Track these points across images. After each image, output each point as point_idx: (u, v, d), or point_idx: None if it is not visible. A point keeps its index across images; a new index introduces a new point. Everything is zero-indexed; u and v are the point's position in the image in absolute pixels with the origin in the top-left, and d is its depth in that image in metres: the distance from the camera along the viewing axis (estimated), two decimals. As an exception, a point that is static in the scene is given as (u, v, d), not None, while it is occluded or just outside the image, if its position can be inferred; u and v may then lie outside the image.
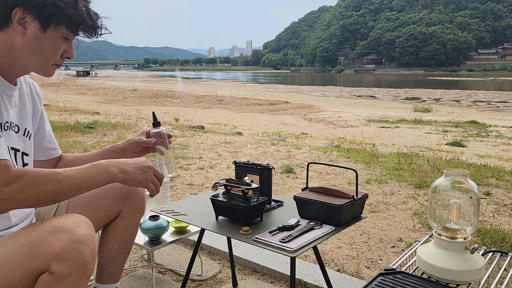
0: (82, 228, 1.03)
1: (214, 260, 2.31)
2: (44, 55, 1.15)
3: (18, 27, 1.09)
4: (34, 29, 1.10)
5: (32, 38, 1.11)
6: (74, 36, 1.17)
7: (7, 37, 1.10)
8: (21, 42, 1.11)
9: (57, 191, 1.05)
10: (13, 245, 1.00)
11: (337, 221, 1.45)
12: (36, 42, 1.12)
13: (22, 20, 1.09)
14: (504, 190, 3.53)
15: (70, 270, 0.99)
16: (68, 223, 1.02)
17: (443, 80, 61.80)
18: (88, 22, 1.15)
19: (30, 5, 1.08)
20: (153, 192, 1.25)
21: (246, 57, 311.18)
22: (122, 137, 6.33)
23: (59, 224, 1.02)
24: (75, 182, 1.08)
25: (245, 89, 35.42)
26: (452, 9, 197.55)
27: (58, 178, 1.06)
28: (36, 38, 1.11)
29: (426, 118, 15.05)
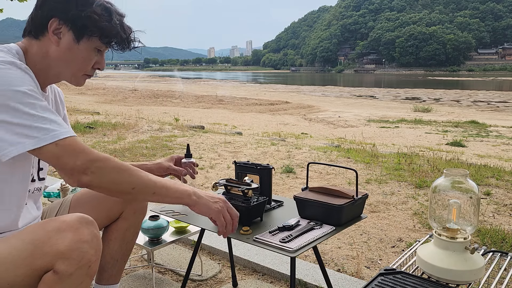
0: (87, 227, 1.03)
1: (214, 260, 2.31)
2: (76, 65, 1.19)
3: (53, 37, 1.13)
4: (68, 40, 1.14)
5: (66, 48, 1.15)
6: (106, 48, 1.20)
7: (42, 45, 1.15)
8: (55, 52, 1.15)
9: (135, 185, 1.09)
10: (17, 244, 1.01)
11: (337, 221, 1.45)
12: (70, 52, 1.15)
13: (57, 30, 1.13)
14: (504, 190, 3.53)
15: (74, 269, 0.99)
16: (73, 222, 1.02)
17: (443, 80, 61.80)
18: (122, 35, 1.19)
19: (66, 16, 1.12)
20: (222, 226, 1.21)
21: (246, 57, 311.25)
22: (122, 137, 6.33)
23: (64, 223, 1.02)
24: (153, 185, 1.11)
25: (245, 89, 35.41)
26: (452, 9, 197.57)
27: (140, 174, 1.10)
28: (70, 48, 1.15)
29: (426, 118, 15.05)
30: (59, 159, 1.02)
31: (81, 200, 1.44)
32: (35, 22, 1.15)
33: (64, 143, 1.01)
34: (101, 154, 1.07)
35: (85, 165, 1.02)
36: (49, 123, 1.01)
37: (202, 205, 1.18)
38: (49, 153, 1.01)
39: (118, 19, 1.18)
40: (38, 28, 1.14)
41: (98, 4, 1.15)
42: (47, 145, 1.00)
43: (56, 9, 1.12)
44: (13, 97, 0.98)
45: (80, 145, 1.04)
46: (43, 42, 1.15)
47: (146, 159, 4.74)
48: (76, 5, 1.13)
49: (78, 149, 1.03)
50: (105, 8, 1.16)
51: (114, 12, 1.17)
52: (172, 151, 5.20)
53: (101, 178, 1.05)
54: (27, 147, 0.98)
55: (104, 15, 1.15)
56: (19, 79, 1.02)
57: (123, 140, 6.07)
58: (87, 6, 1.13)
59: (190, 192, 1.17)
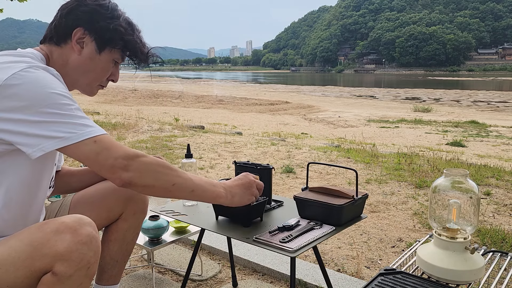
0: (86, 229, 1.03)
1: (214, 260, 2.31)
2: (94, 75, 1.22)
3: (76, 45, 1.17)
4: (91, 50, 1.18)
5: (87, 58, 1.18)
6: (123, 60, 1.25)
7: (63, 53, 1.18)
8: (76, 60, 1.18)
9: (175, 181, 1.11)
10: (16, 245, 1.01)
11: (337, 221, 1.45)
12: (90, 62, 1.19)
13: (81, 39, 1.17)
14: (504, 190, 3.53)
15: (73, 271, 0.99)
16: (72, 224, 1.02)
17: (443, 80, 61.80)
18: (142, 49, 1.24)
19: (92, 27, 1.17)
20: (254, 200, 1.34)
21: (246, 57, 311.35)
22: (122, 137, 6.33)
23: (63, 225, 1.02)
24: (191, 183, 1.15)
25: (245, 89, 35.41)
26: (452, 9, 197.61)
27: (180, 171, 1.14)
28: (91, 58, 1.19)
29: (426, 118, 15.05)
30: (99, 155, 1.02)
31: (80, 201, 1.44)
32: (58, 29, 1.17)
33: (102, 140, 1.03)
34: (139, 151, 1.09)
35: (125, 161, 1.03)
36: (86, 121, 1.03)
37: (238, 202, 1.28)
38: (88, 149, 1.01)
39: (138, 35, 1.24)
40: (62, 36, 1.17)
41: (124, 18, 1.21)
42: (86, 141, 1.00)
43: (82, 19, 1.16)
44: (49, 97, 1.00)
45: (117, 142, 1.06)
46: (65, 50, 1.17)
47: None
48: (104, 17, 1.17)
49: (117, 145, 1.05)
50: (129, 23, 1.22)
51: (135, 27, 1.24)
52: (172, 151, 5.21)
53: (143, 174, 1.06)
54: (65, 142, 0.99)
55: (128, 29, 1.20)
56: (54, 82, 1.04)
57: (123, 140, 6.07)
58: (114, 19, 1.18)
59: (224, 194, 1.23)
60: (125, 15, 1.22)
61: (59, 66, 1.17)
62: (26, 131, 0.97)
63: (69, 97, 1.04)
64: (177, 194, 1.13)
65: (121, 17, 1.20)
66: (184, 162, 1.69)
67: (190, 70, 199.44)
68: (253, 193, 1.32)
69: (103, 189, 1.45)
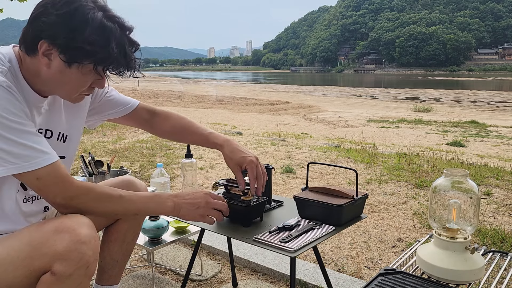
0: (85, 228, 1.03)
1: (214, 260, 2.31)
2: (69, 87, 1.11)
3: (43, 58, 1.05)
4: (59, 63, 1.05)
5: (56, 71, 1.07)
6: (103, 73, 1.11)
7: (34, 63, 1.08)
8: (46, 73, 1.08)
9: (117, 212, 1.19)
10: (15, 244, 1.01)
11: (337, 221, 1.45)
12: (61, 75, 1.07)
13: (47, 51, 1.04)
14: (504, 190, 3.53)
15: (73, 270, 0.99)
16: (70, 224, 1.03)
17: (443, 80, 61.79)
18: (120, 61, 1.08)
19: (55, 41, 1.03)
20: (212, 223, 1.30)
21: (246, 57, 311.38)
22: (122, 137, 6.33)
23: (61, 225, 1.02)
24: (134, 207, 1.18)
25: (245, 89, 35.40)
26: (452, 9, 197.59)
27: (121, 201, 1.15)
28: (61, 71, 1.07)
29: (426, 118, 15.04)
30: (40, 191, 1.06)
31: None
32: (26, 39, 1.06)
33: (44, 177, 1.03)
34: (81, 187, 1.10)
35: (64, 201, 1.07)
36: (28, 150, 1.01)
37: (185, 216, 1.23)
38: (30, 183, 1.04)
39: (118, 44, 1.04)
40: (29, 46, 1.06)
41: (94, 27, 1.01)
42: (28, 174, 1.02)
43: (45, 31, 1.02)
44: None
45: (58, 178, 1.05)
46: (34, 60, 1.07)
47: (146, 159, 4.74)
48: (64, 31, 1.01)
49: (57, 184, 1.05)
50: (102, 31, 1.02)
51: (115, 33, 1.04)
52: (172, 151, 5.20)
53: (82, 211, 1.10)
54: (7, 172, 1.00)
55: (98, 42, 1.02)
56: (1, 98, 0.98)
57: (123, 140, 6.07)
58: (77, 34, 1.01)
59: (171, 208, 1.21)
60: (98, 18, 1.02)
61: (31, 75, 1.10)
62: None
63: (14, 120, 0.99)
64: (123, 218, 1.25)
65: (87, 29, 1.01)
66: (184, 162, 1.69)
67: (190, 70, 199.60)
68: (203, 214, 1.24)
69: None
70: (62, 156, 1.25)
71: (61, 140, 1.24)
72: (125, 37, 1.08)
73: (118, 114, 1.45)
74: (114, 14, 1.07)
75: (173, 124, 1.52)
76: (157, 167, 2.15)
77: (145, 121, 1.51)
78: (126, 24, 1.09)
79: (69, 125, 1.27)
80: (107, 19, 1.04)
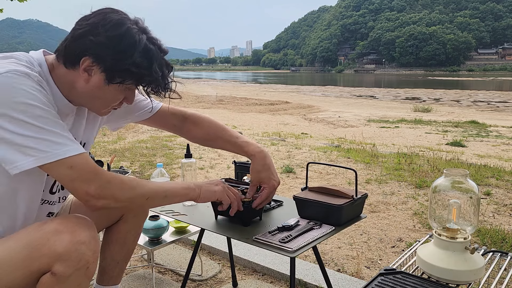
0: (84, 229, 1.03)
1: (214, 260, 2.31)
2: (102, 102, 1.14)
3: (84, 73, 1.07)
4: (99, 80, 1.07)
5: (94, 87, 1.09)
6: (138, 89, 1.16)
7: (70, 75, 1.09)
8: (83, 87, 1.09)
9: (148, 195, 1.13)
10: (14, 245, 1.00)
11: (337, 221, 1.45)
12: (98, 91, 1.10)
13: (89, 68, 1.06)
14: (504, 190, 3.53)
15: (72, 271, 0.99)
16: (70, 224, 1.03)
17: (443, 80, 61.78)
18: (160, 83, 1.12)
19: (101, 59, 1.05)
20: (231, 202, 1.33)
21: (246, 57, 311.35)
22: (122, 137, 6.33)
23: (61, 225, 1.02)
24: (162, 190, 1.17)
25: (245, 89, 35.41)
26: (452, 9, 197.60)
27: (150, 183, 1.16)
28: (99, 87, 1.09)
29: (426, 118, 15.04)
30: (73, 182, 1.00)
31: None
32: (67, 53, 1.07)
33: (77, 165, 0.99)
34: (112, 174, 1.07)
35: (99, 190, 1.02)
36: (60, 138, 0.98)
37: (205, 191, 1.26)
38: (62, 173, 0.99)
39: (159, 66, 1.09)
40: (70, 59, 1.07)
41: (140, 50, 1.05)
42: (60, 162, 0.97)
43: (91, 49, 1.04)
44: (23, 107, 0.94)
45: (91, 167, 1.02)
46: (72, 73, 1.08)
47: (146, 159, 4.74)
48: (114, 54, 1.04)
49: (91, 171, 1.01)
50: (146, 54, 1.06)
51: (156, 56, 1.08)
52: (172, 151, 5.20)
53: (116, 199, 1.06)
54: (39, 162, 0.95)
55: (144, 64, 1.06)
56: (27, 90, 0.96)
57: (123, 140, 6.06)
58: (126, 57, 1.04)
59: (192, 187, 1.24)
60: (143, 42, 1.06)
61: (64, 85, 1.10)
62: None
63: (45, 109, 0.98)
64: (152, 204, 1.18)
65: (136, 51, 1.04)
66: (183, 162, 1.69)
67: (190, 70, 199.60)
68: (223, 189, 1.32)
69: None
70: None
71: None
72: (163, 60, 1.12)
73: (140, 117, 1.44)
74: (154, 37, 1.11)
75: (205, 131, 1.53)
76: (157, 167, 2.15)
77: (174, 126, 1.52)
78: (163, 47, 1.13)
79: (86, 132, 1.28)
80: (149, 42, 1.08)
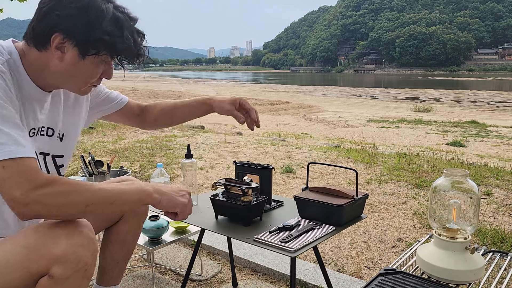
0: (82, 230, 1.03)
1: (214, 260, 2.31)
2: (80, 79, 1.11)
3: (56, 52, 1.04)
4: (73, 55, 1.05)
5: (69, 64, 1.06)
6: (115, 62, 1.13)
7: (43, 57, 1.06)
8: (57, 66, 1.06)
9: (88, 202, 0.99)
10: (12, 248, 0.99)
11: (337, 221, 1.45)
12: (73, 67, 1.07)
13: (60, 45, 1.04)
14: (504, 190, 3.53)
15: (71, 273, 0.99)
16: (68, 226, 1.02)
17: (443, 80, 61.78)
18: (133, 50, 1.09)
19: (71, 33, 1.02)
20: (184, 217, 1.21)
21: (246, 57, 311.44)
22: (122, 137, 6.33)
23: (59, 227, 1.01)
24: (109, 195, 1.03)
25: (245, 89, 35.41)
26: (452, 9, 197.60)
27: (92, 189, 1.01)
28: (74, 64, 1.06)
29: (426, 118, 15.04)
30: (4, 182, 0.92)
31: None
32: (36, 34, 1.04)
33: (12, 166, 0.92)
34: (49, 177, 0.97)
35: (24, 196, 0.91)
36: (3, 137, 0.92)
37: (167, 201, 1.13)
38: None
39: (130, 32, 1.07)
40: (40, 40, 1.04)
41: (108, 19, 1.03)
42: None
43: (60, 25, 1.02)
44: None
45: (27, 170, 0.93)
46: (45, 55, 1.06)
47: (146, 159, 4.74)
48: (83, 25, 1.02)
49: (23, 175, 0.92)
50: (116, 22, 1.05)
51: (126, 23, 1.07)
52: (172, 151, 5.20)
53: (46, 206, 0.94)
54: None
55: (115, 32, 1.04)
56: None
57: (123, 140, 6.06)
58: (96, 26, 1.02)
59: (150, 191, 1.11)
60: (111, 11, 1.04)
61: (37, 68, 1.08)
62: None
63: None
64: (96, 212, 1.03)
65: (105, 20, 1.02)
66: (184, 162, 1.69)
67: (190, 70, 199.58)
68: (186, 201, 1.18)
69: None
70: (60, 154, 1.25)
71: (59, 139, 1.24)
72: (133, 27, 1.10)
73: (113, 109, 1.45)
74: (121, 5, 1.09)
75: (160, 108, 1.55)
76: (157, 167, 2.15)
77: (137, 116, 1.53)
78: (132, 15, 1.11)
79: (65, 123, 1.26)
80: (117, 10, 1.06)
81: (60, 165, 1.25)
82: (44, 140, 1.19)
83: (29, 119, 1.11)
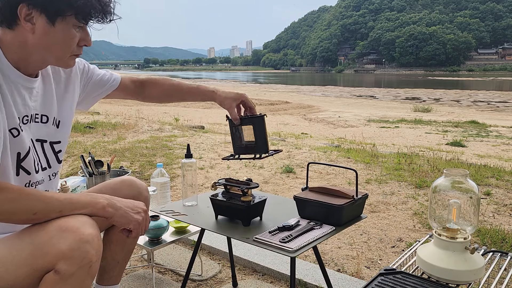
0: (88, 227, 1.04)
1: (214, 260, 2.31)
2: (58, 48, 1.12)
3: (26, 24, 1.06)
4: (43, 24, 1.06)
5: (42, 34, 1.08)
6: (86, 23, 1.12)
7: (17, 35, 1.08)
8: (33, 39, 1.08)
9: (36, 210, 1.02)
10: (17, 244, 1.01)
11: (337, 221, 1.45)
12: (48, 37, 1.08)
13: (28, 16, 1.05)
14: (504, 190, 3.53)
15: (76, 269, 0.99)
16: (73, 223, 1.03)
17: (443, 80, 61.78)
18: (97, 7, 1.09)
19: (34, 1, 1.04)
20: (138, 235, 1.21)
21: (246, 57, 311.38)
22: (122, 137, 6.33)
23: (64, 224, 1.02)
24: (57, 204, 1.05)
25: (245, 89, 35.41)
26: (452, 9, 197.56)
27: (42, 197, 1.04)
28: (46, 32, 1.08)
29: (426, 118, 15.05)
30: None
31: None
32: (3, 12, 1.06)
33: None
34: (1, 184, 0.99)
35: None
36: None
37: (120, 217, 1.14)
38: None
39: None
40: (9, 17, 1.06)
41: None
42: None
43: None
44: None
45: None
46: (18, 31, 1.08)
47: (146, 159, 4.74)
48: None
49: None
50: None
51: None
52: (172, 151, 5.20)
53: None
54: None
55: None
56: None
57: (123, 140, 6.06)
58: None
59: (104, 204, 1.12)
60: None
61: (17, 48, 1.09)
62: None
63: None
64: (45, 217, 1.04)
65: None
66: (184, 162, 1.69)
67: (190, 70, 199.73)
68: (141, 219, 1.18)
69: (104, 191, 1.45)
70: (58, 140, 1.27)
71: (55, 125, 1.26)
72: None
73: (108, 91, 1.48)
74: None
75: (162, 88, 1.59)
76: (157, 167, 2.16)
77: (135, 92, 1.57)
78: None
79: (60, 109, 1.27)
80: None
81: (58, 151, 1.27)
82: (39, 127, 1.20)
83: (19, 106, 1.12)
